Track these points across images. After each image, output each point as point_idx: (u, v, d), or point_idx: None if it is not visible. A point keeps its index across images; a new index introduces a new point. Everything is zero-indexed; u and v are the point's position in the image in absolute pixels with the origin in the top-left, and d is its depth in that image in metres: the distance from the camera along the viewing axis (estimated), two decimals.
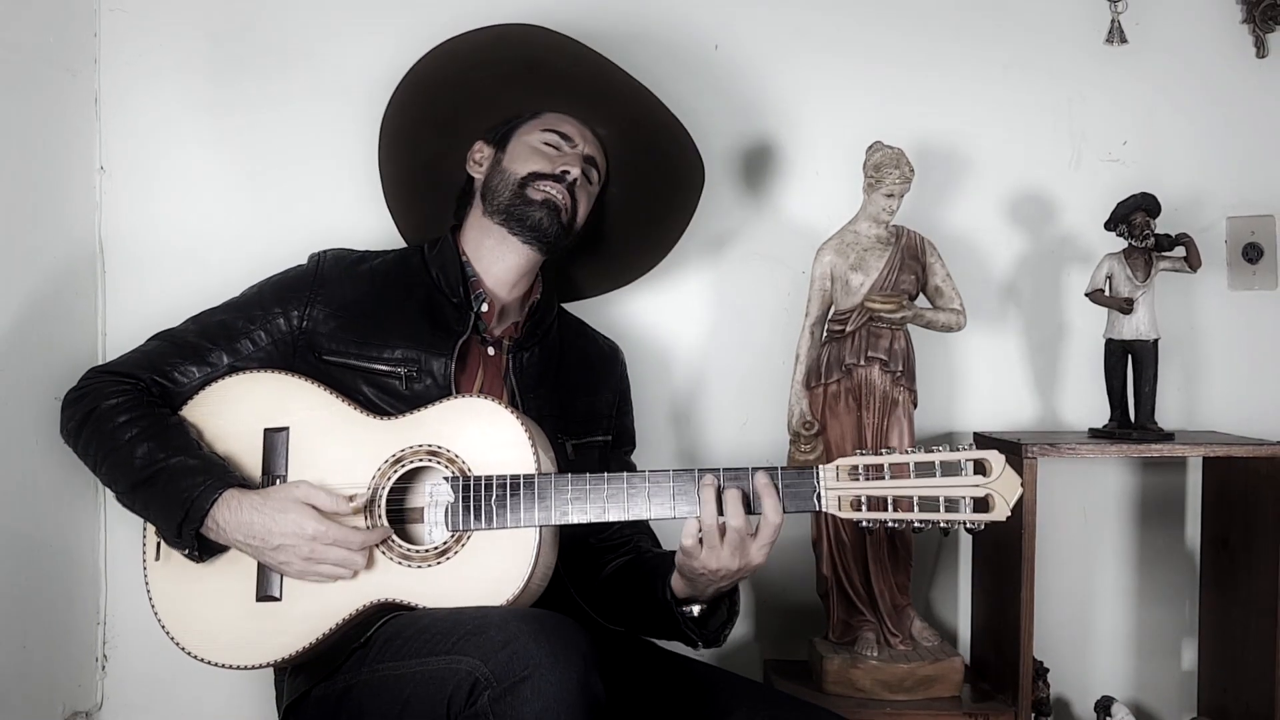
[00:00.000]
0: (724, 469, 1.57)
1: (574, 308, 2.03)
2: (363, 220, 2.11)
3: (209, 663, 1.63)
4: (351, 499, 1.59)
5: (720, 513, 1.53)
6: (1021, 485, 1.52)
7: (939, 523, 1.52)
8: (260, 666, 1.63)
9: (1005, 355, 2.28)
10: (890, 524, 1.54)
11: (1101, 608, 2.30)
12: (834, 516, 1.60)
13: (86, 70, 2.15)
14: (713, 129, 2.20)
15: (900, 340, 1.99)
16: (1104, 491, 2.29)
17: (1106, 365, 2.10)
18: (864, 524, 1.54)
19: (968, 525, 1.53)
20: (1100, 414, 2.13)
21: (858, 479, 1.54)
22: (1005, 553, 2.01)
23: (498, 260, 1.82)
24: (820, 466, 1.56)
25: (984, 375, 2.28)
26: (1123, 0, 2.21)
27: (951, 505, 1.52)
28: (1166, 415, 2.17)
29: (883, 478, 1.53)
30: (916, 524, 1.53)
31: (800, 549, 2.07)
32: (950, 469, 1.52)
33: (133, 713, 2.20)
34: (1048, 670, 2.13)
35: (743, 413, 2.26)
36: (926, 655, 2.00)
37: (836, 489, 1.55)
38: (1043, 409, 2.28)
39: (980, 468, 1.52)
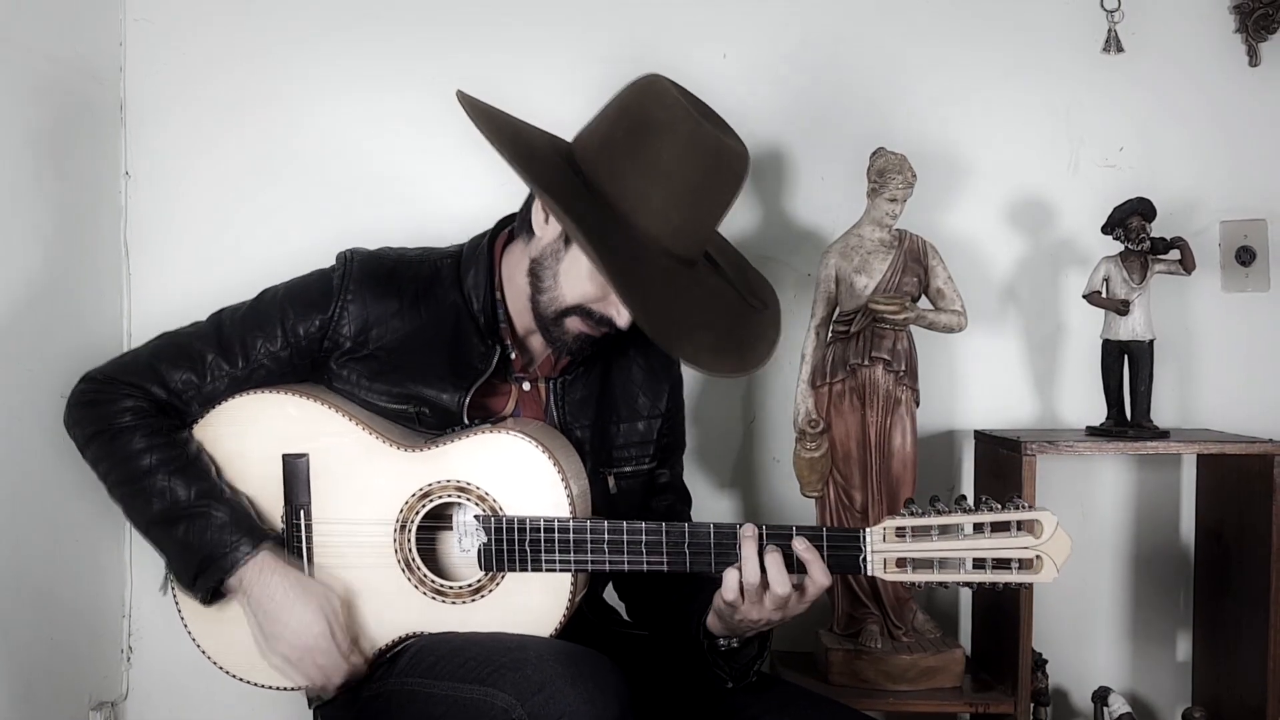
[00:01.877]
0: (766, 526, 1.49)
1: None
2: (383, 220, 2.13)
3: (248, 682, 1.62)
4: (348, 656, 1.55)
5: (763, 571, 1.46)
6: (1071, 547, 1.46)
7: (986, 584, 1.46)
8: (297, 689, 1.62)
9: (1005, 355, 2.30)
10: (938, 585, 1.48)
11: (1098, 601, 2.31)
12: (879, 579, 1.51)
13: (112, 78, 2.19)
14: None
15: (903, 341, 2.01)
16: (1101, 488, 2.31)
17: (1103, 365, 2.11)
18: (909, 585, 1.48)
19: (1013, 586, 1.47)
20: (1097, 412, 2.15)
21: (904, 539, 1.47)
22: None
23: (531, 322, 1.64)
24: (867, 530, 1.48)
25: (984, 375, 2.30)
26: (1119, 10, 2.22)
27: (1000, 565, 1.45)
28: (1161, 414, 2.19)
29: (930, 538, 1.46)
30: (963, 584, 1.46)
31: None
32: (999, 528, 1.45)
33: (157, 703, 2.23)
34: (1046, 661, 2.15)
35: (750, 411, 2.29)
36: (929, 647, 2.02)
37: (882, 551, 1.47)
38: (1041, 408, 2.30)
39: (1029, 527, 1.45)
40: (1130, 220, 2.08)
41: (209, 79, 2.22)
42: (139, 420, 1.57)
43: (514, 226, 1.67)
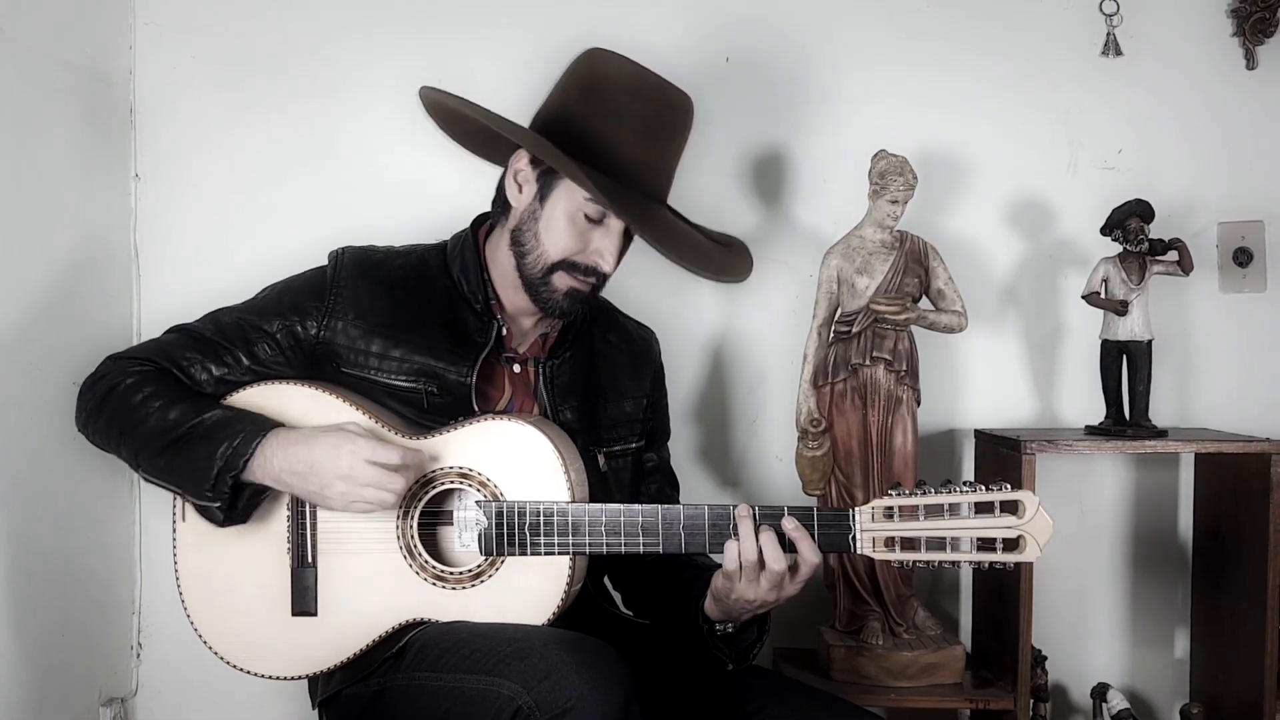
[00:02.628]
0: (759, 507, 1.54)
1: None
2: (389, 220, 2.12)
3: (248, 672, 1.64)
4: (390, 448, 1.54)
5: (758, 550, 1.51)
6: (1053, 527, 1.50)
7: (972, 563, 1.51)
8: (297, 678, 1.65)
9: (1005, 355, 2.32)
10: (924, 564, 1.52)
11: (1097, 598, 2.32)
12: (868, 558, 1.55)
13: (122, 81, 2.21)
14: (724, 138, 2.25)
15: (904, 341, 2.03)
16: (1100, 486, 2.32)
17: (1102, 365, 2.13)
18: (898, 564, 1.51)
19: (998, 565, 1.51)
20: (1096, 412, 2.16)
21: (891, 519, 1.51)
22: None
23: (517, 297, 1.72)
24: (856, 509, 1.53)
25: (984, 374, 2.31)
26: (1118, 14, 2.24)
27: (985, 545, 1.49)
28: (1160, 413, 2.20)
29: (916, 518, 1.50)
30: (950, 564, 1.51)
31: None
32: (984, 509, 1.49)
33: (166, 699, 2.24)
34: (1046, 658, 2.15)
35: (753, 410, 2.31)
36: (929, 644, 2.03)
37: (871, 530, 1.52)
38: (1041, 407, 2.31)
39: (1012, 507, 1.49)
40: (1129, 221, 2.10)
41: (218, 82, 2.24)
42: (144, 376, 1.64)
43: (491, 220, 1.78)
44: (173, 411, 1.59)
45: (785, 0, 2.29)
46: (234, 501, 1.57)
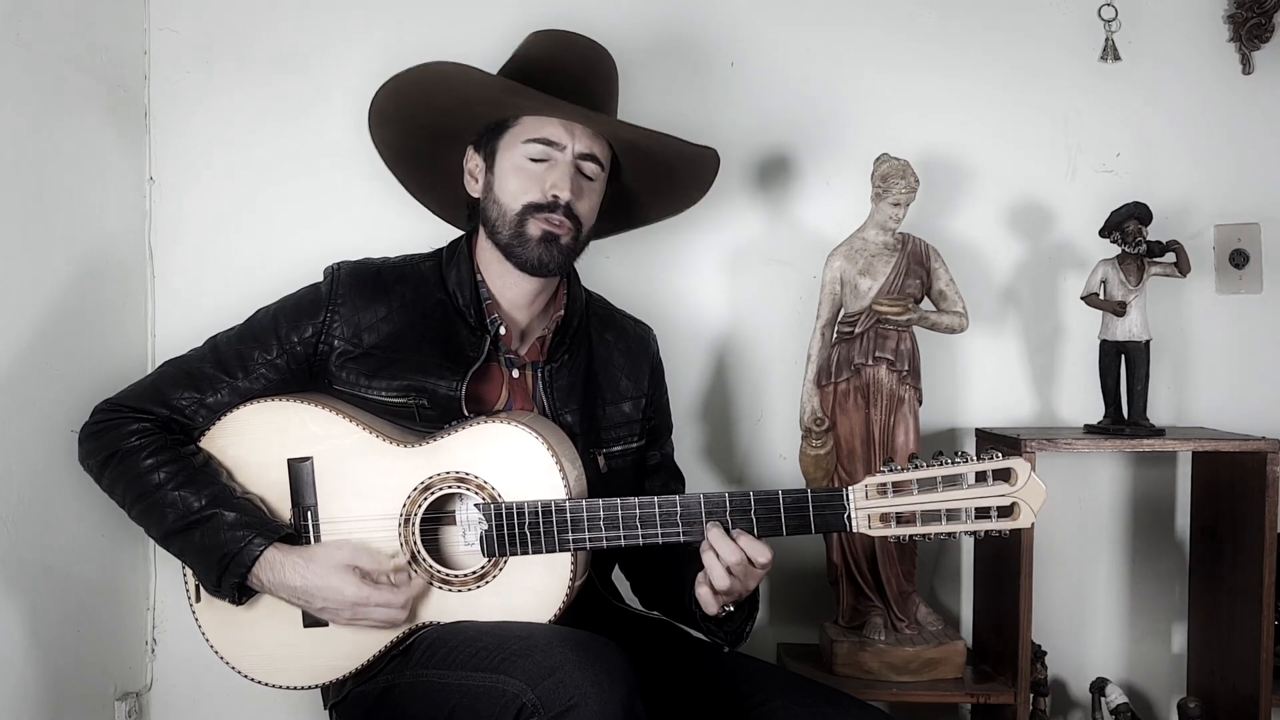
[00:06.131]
0: (754, 493, 1.55)
1: (600, 287, 1.96)
2: (396, 225, 2.15)
3: (265, 684, 1.66)
4: (393, 556, 1.59)
5: (719, 557, 1.54)
6: (1046, 492, 1.50)
7: (969, 533, 1.51)
8: (313, 687, 1.66)
9: (1005, 355, 2.33)
10: (921, 537, 1.52)
11: (1096, 594, 2.34)
12: (865, 535, 1.56)
13: (137, 86, 2.23)
14: (729, 141, 2.22)
15: (906, 341, 2.05)
16: (1098, 484, 2.34)
17: (1101, 365, 2.15)
18: (894, 539, 1.51)
19: (994, 533, 1.51)
20: (1095, 411, 2.19)
21: (886, 495, 1.51)
22: (1005, 542, 2.01)
23: (509, 286, 1.75)
24: (849, 488, 1.53)
25: (985, 374, 2.33)
26: (1116, 20, 2.26)
27: (980, 514, 1.49)
28: (1157, 412, 2.23)
29: (910, 493, 1.50)
30: (945, 535, 1.51)
31: (812, 539, 2.08)
32: (977, 479, 1.50)
33: (180, 694, 2.26)
34: (1045, 653, 2.18)
35: (757, 409, 2.33)
36: (931, 639, 2.05)
37: (866, 508, 1.52)
38: (1041, 406, 2.33)
39: (1005, 475, 1.50)
40: (1127, 224, 2.12)
41: (232, 85, 2.26)
42: (145, 439, 1.63)
43: (472, 228, 1.81)
44: (173, 494, 1.60)
45: (789, 5, 2.31)
46: (240, 597, 1.62)
